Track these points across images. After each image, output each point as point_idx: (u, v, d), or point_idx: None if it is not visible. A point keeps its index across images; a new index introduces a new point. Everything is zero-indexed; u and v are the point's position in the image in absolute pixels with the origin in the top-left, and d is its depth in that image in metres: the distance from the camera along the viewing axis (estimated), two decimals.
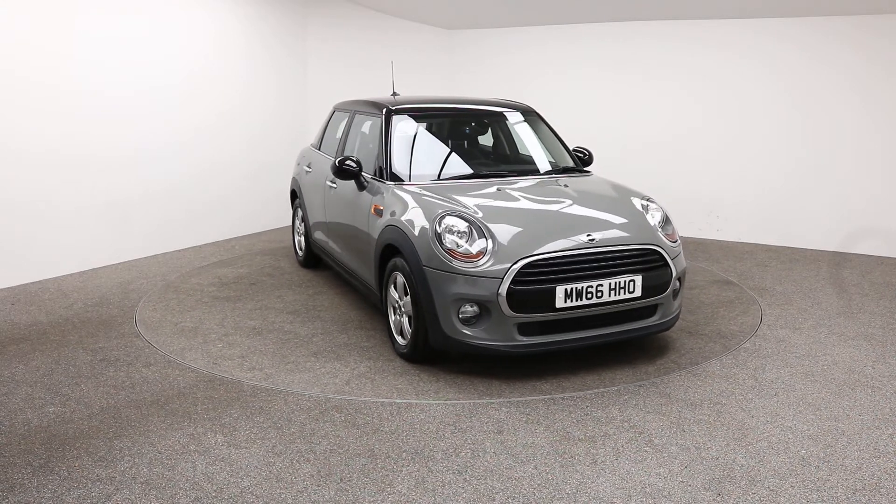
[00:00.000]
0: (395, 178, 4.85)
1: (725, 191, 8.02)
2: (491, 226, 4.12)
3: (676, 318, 4.52)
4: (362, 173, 5.08)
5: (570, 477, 3.10)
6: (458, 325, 4.03)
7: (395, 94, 6.18)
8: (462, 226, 4.12)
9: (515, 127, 5.77)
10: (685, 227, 8.29)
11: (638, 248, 4.20)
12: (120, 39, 6.58)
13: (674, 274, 4.30)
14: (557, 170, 5.30)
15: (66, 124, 6.19)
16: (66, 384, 4.05)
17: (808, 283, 6.26)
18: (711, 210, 8.13)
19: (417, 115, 5.43)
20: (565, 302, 3.95)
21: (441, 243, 4.07)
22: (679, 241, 4.53)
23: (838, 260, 7.08)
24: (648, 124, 8.33)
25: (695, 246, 7.73)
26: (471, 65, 9.53)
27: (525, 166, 5.42)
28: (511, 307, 3.91)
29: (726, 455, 3.28)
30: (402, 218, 4.39)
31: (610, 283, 4.04)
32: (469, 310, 4.00)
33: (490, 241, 4.03)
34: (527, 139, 5.68)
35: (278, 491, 2.99)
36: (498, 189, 4.70)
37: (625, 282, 4.08)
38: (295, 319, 5.25)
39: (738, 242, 7.91)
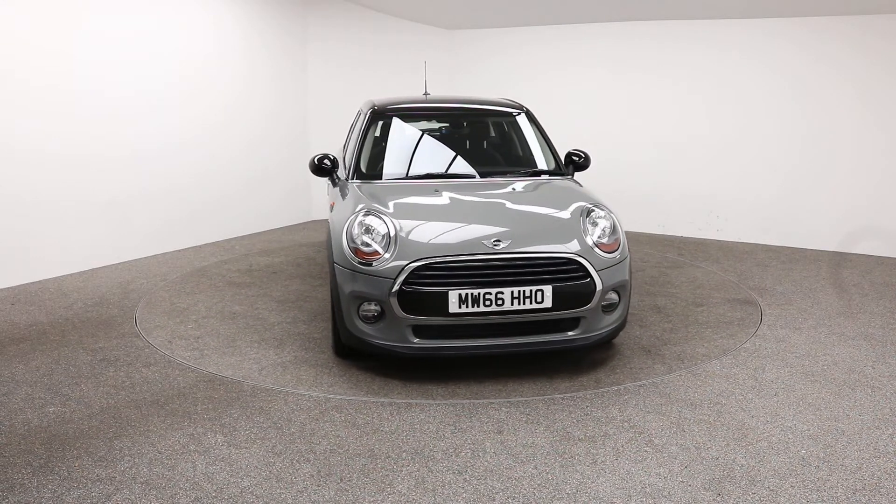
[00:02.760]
0: (361, 176, 4.96)
1: (726, 191, 8.02)
2: (398, 227, 4.08)
3: (610, 333, 4.21)
4: (336, 171, 5.18)
5: (570, 477, 3.10)
6: (359, 323, 4.04)
7: (426, 93, 6.24)
8: (375, 225, 4.11)
9: (499, 128, 5.74)
10: (685, 227, 8.29)
11: (551, 257, 3.96)
12: (120, 39, 6.58)
13: (598, 287, 4.00)
14: (531, 172, 5.17)
15: (66, 124, 6.19)
16: (66, 384, 4.05)
17: (808, 283, 6.26)
18: (711, 210, 8.13)
19: (401, 115, 5.47)
20: (459, 307, 3.83)
21: (350, 241, 4.09)
22: (620, 253, 4.19)
23: (838, 260, 7.08)
24: (649, 124, 8.33)
25: (695, 246, 7.73)
26: (471, 65, 9.53)
27: (494, 167, 5.31)
28: (403, 309, 3.86)
29: (726, 455, 3.28)
30: (333, 215, 4.49)
31: (513, 292, 3.85)
32: (371, 308, 3.99)
33: (393, 241, 4.01)
34: (508, 140, 5.62)
35: (278, 491, 2.99)
36: (436, 190, 4.66)
37: (531, 291, 3.86)
38: (276, 307, 5.43)
39: (738, 242, 7.91)
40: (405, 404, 3.81)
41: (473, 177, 5.03)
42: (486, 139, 5.78)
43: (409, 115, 5.61)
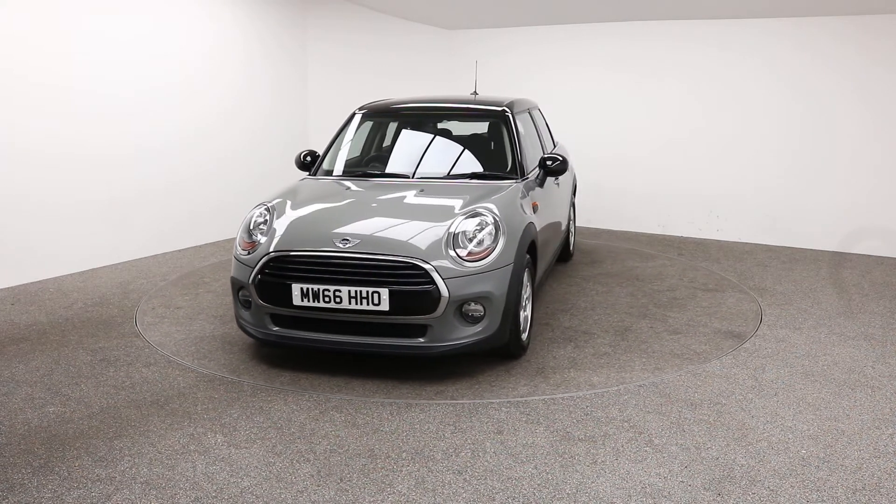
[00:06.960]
0: (318, 173, 5.28)
1: (726, 190, 8.02)
2: (275, 220, 4.33)
3: (469, 346, 3.98)
4: (310, 168, 5.39)
5: (570, 477, 3.10)
6: (239, 309, 4.37)
7: (475, 93, 6.28)
8: (267, 218, 4.39)
9: (471, 130, 5.74)
10: (685, 227, 8.29)
11: (391, 261, 3.88)
12: (120, 39, 6.57)
13: (445, 295, 3.84)
14: (475, 174, 4.98)
15: (65, 124, 6.19)
16: (66, 384, 4.05)
17: (808, 283, 6.26)
18: (712, 210, 8.12)
19: (378, 116, 5.60)
20: (302, 301, 3.98)
21: (243, 230, 4.39)
22: (492, 263, 3.98)
23: (838, 260, 7.08)
24: (649, 124, 8.33)
25: (695, 246, 7.73)
26: (471, 65, 9.53)
27: (438, 169, 5.14)
28: (260, 297, 4.11)
29: (726, 455, 3.28)
30: None
31: (350, 291, 3.89)
32: (247, 294, 4.25)
33: (267, 233, 4.26)
34: (473, 142, 5.52)
35: (278, 491, 2.99)
36: (347, 188, 4.88)
37: (368, 292, 3.87)
38: None
39: (738, 242, 7.91)
40: (405, 404, 3.81)
41: (408, 177, 5.02)
42: (454, 141, 5.69)
43: (386, 115, 5.65)
